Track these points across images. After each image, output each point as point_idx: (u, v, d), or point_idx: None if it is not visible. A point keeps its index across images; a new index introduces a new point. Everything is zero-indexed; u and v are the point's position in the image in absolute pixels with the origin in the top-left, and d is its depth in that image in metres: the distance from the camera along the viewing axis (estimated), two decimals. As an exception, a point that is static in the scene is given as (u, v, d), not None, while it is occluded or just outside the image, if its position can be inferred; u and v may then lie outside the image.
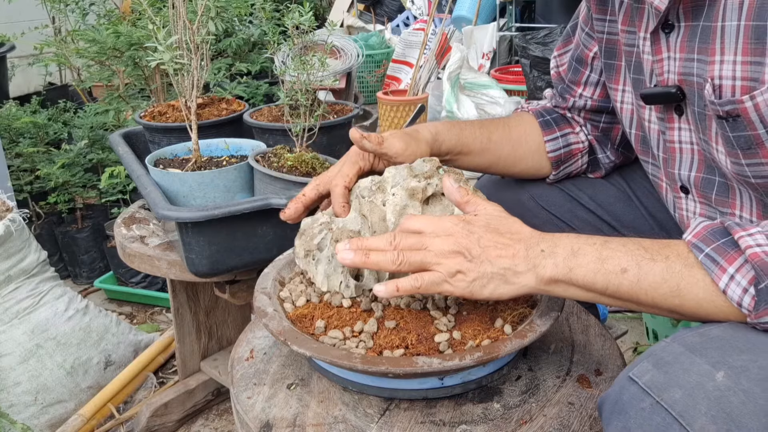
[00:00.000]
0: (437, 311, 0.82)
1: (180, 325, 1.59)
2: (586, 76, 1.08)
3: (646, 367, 0.62)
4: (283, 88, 1.29)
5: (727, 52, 0.74)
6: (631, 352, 1.82)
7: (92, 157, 2.37)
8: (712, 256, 0.65)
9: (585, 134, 1.11)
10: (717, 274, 0.64)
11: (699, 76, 0.79)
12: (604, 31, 0.99)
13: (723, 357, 0.59)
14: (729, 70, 0.74)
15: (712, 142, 0.81)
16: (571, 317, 0.99)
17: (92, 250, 2.39)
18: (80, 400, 1.63)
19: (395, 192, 0.87)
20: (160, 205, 1.14)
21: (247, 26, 2.15)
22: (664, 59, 0.85)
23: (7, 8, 2.53)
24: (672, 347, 0.63)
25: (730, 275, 0.63)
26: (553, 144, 1.09)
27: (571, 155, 1.11)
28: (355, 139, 0.90)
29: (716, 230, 0.66)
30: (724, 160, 0.80)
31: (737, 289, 0.63)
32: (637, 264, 0.68)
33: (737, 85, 0.74)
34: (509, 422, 0.76)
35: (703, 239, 0.66)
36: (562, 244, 0.72)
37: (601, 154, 1.12)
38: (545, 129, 1.10)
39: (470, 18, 3.99)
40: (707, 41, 0.77)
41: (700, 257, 0.65)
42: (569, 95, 1.10)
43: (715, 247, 0.65)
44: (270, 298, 0.86)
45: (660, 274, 0.67)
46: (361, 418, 0.78)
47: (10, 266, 1.59)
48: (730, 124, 0.75)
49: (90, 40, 1.86)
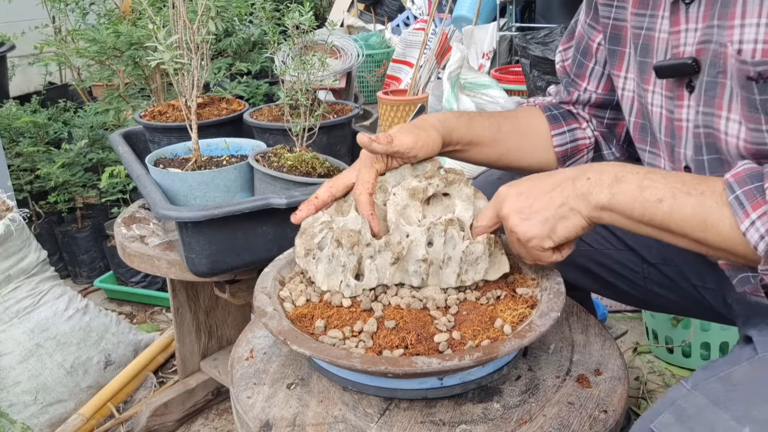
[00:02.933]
0: (437, 311, 0.82)
1: (180, 325, 1.59)
2: (590, 68, 1.08)
3: (668, 420, 0.62)
4: (283, 88, 1.29)
5: (749, 15, 0.74)
6: (631, 352, 1.82)
7: (92, 156, 2.37)
8: (740, 198, 0.68)
9: (591, 130, 1.11)
10: (741, 217, 0.67)
11: (717, 43, 0.78)
12: (610, 17, 0.99)
13: (747, 410, 0.59)
14: (752, 33, 0.74)
15: (723, 112, 0.80)
16: (571, 317, 0.99)
17: (92, 249, 2.39)
18: (80, 399, 1.63)
19: (396, 192, 0.87)
20: (160, 205, 1.14)
21: (247, 26, 2.15)
22: (681, 31, 0.84)
23: (7, 8, 2.53)
24: (695, 398, 0.63)
25: (752, 220, 0.66)
26: (560, 138, 1.09)
27: (577, 150, 1.10)
28: (364, 144, 0.89)
29: (754, 174, 0.69)
30: (736, 131, 0.79)
31: (755, 234, 0.66)
32: (673, 195, 0.71)
33: (758, 48, 0.73)
34: (509, 422, 0.76)
35: (739, 180, 0.69)
36: (608, 171, 0.76)
37: (607, 151, 1.12)
38: (552, 123, 1.09)
39: (470, 18, 4.00)
40: (728, 5, 0.76)
41: (730, 198, 0.68)
42: (574, 89, 1.10)
43: (746, 191, 0.68)
44: (270, 298, 0.86)
45: (691, 208, 0.70)
46: (360, 418, 0.78)
47: (10, 266, 1.59)
48: (759, 87, 0.75)
49: (90, 39, 1.86)
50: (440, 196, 0.89)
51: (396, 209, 0.86)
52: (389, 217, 0.86)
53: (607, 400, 0.80)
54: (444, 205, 0.89)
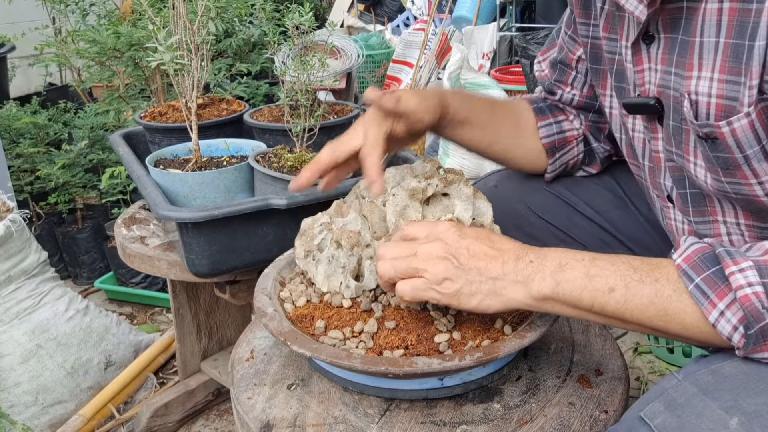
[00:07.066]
0: (437, 312, 0.82)
1: (180, 326, 1.59)
2: (572, 77, 1.07)
3: (657, 408, 0.61)
4: (284, 89, 1.29)
5: (704, 68, 0.73)
6: (632, 352, 1.82)
7: (92, 157, 2.37)
8: (702, 288, 0.63)
9: (579, 122, 1.09)
10: (707, 308, 0.63)
11: (676, 90, 0.78)
12: (589, 35, 0.97)
13: (736, 401, 0.58)
14: (705, 86, 0.73)
15: (690, 156, 0.80)
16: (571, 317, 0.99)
17: (92, 250, 2.39)
18: (80, 400, 1.63)
19: (395, 192, 0.87)
20: (161, 206, 1.14)
21: (247, 26, 2.15)
22: (645, 70, 0.83)
23: (7, 9, 2.52)
24: (684, 387, 0.62)
25: (720, 311, 0.62)
26: (546, 130, 1.07)
27: (566, 142, 1.09)
28: (372, 99, 0.86)
29: (707, 256, 0.64)
30: (703, 175, 0.79)
31: (727, 326, 0.62)
32: (626, 285, 0.66)
33: (713, 102, 0.72)
34: (509, 422, 0.76)
35: (693, 266, 0.64)
36: (550, 257, 0.71)
37: (596, 144, 1.10)
38: (539, 115, 1.08)
39: (470, 18, 3.99)
40: (685, 55, 0.75)
41: (690, 287, 0.64)
42: (557, 89, 1.09)
43: (705, 278, 0.63)
44: (270, 299, 0.86)
45: (648, 297, 0.66)
46: (361, 419, 0.78)
47: (10, 267, 1.59)
48: (709, 145, 0.75)
49: (90, 40, 1.86)
50: (440, 197, 0.89)
51: (395, 210, 0.86)
52: (389, 218, 0.86)
53: (608, 401, 0.80)
54: (443, 206, 0.89)
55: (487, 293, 0.71)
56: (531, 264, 0.70)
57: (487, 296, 0.71)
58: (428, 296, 0.73)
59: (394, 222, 0.85)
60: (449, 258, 0.72)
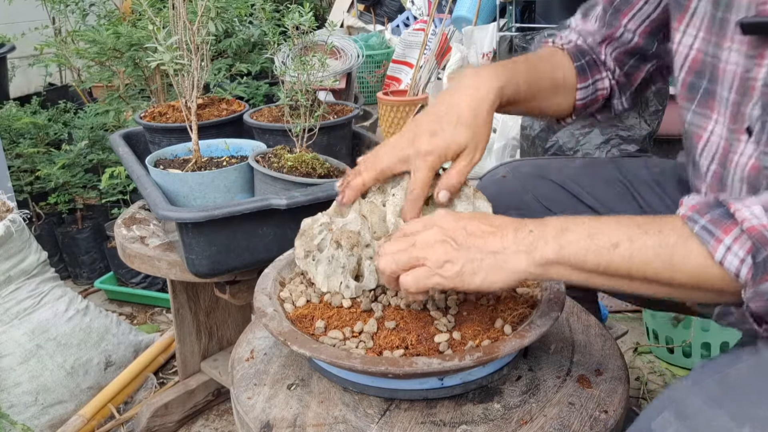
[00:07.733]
0: (437, 311, 0.82)
1: (180, 326, 1.59)
2: (639, 6, 1.02)
3: (668, 419, 0.61)
4: (283, 89, 1.29)
5: None
6: (632, 352, 1.82)
7: (92, 157, 2.37)
8: (707, 227, 0.63)
9: (609, 79, 1.08)
10: (713, 245, 0.62)
11: None
12: None
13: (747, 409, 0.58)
14: None
15: None
16: (571, 317, 0.99)
17: (92, 250, 2.39)
18: (80, 400, 1.63)
19: (395, 192, 0.87)
20: (161, 206, 1.14)
21: (247, 26, 2.15)
22: None
23: (7, 9, 2.53)
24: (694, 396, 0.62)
25: (727, 246, 0.62)
26: (583, 92, 1.05)
27: (595, 101, 1.08)
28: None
29: (711, 203, 0.65)
30: None
31: (734, 260, 0.62)
32: (629, 238, 0.66)
33: None
34: (509, 422, 0.76)
35: (699, 210, 0.65)
36: (551, 224, 0.70)
37: (616, 100, 1.09)
38: (581, 75, 1.05)
39: (470, 18, 3.99)
40: None
41: (695, 229, 0.64)
42: (616, 25, 1.04)
43: (711, 219, 0.63)
44: (270, 299, 0.86)
45: (653, 248, 0.65)
46: (361, 419, 0.78)
47: (10, 267, 1.59)
48: None
49: (90, 40, 1.86)
50: (440, 197, 0.89)
51: (395, 210, 0.86)
52: (388, 218, 0.86)
53: (608, 401, 0.80)
54: (443, 206, 0.89)
55: (490, 269, 0.70)
56: (531, 233, 0.70)
57: (490, 272, 0.70)
58: (433, 282, 0.72)
59: (394, 222, 0.85)
60: (447, 241, 0.71)
